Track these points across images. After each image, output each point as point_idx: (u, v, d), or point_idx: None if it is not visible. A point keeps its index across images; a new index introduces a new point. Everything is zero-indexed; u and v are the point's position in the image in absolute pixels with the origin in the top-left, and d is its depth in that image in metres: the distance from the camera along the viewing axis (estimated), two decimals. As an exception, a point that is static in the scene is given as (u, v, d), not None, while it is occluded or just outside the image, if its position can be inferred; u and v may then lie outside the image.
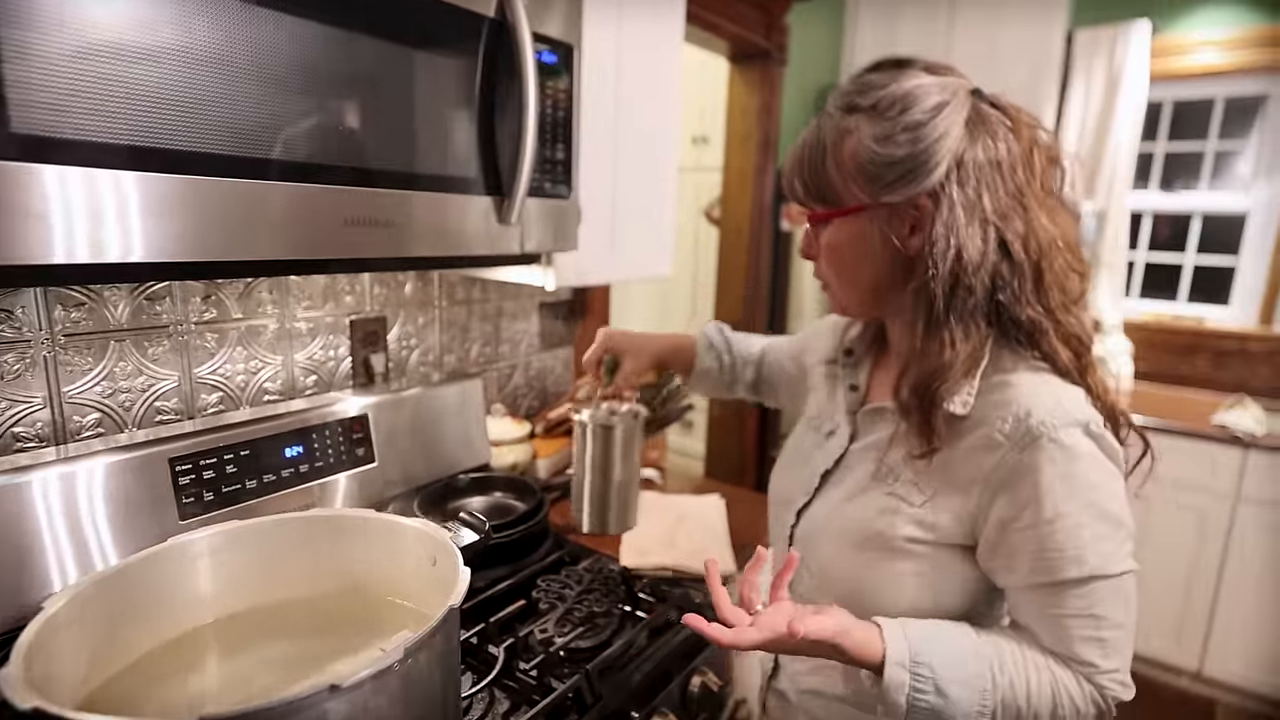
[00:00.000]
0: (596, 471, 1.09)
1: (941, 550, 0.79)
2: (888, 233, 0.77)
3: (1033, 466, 0.71)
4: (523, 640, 1.01)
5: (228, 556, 0.82)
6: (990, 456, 0.73)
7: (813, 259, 0.86)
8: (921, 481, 0.79)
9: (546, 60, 1.06)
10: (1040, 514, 0.71)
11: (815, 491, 0.91)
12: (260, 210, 0.76)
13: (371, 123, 0.85)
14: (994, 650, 0.73)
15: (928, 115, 0.73)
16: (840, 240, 0.81)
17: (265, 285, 1.21)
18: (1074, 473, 0.70)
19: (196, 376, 1.14)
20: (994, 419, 0.73)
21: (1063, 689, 0.72)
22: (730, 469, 3.13)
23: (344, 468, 1.24)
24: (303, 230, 0.80)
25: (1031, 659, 0.74)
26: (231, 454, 1.07)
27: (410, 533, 0.84)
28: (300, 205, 0.79)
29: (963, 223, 0.73)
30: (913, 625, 0.74)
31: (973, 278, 0.73)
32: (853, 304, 0.87)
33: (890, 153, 0.74)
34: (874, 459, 0.85)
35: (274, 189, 0.76)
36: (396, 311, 1.46)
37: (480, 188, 0.99)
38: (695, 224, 3.47)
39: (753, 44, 2.63)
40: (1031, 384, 0.74)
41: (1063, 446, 0.70)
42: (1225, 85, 2.82)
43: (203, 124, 0.69)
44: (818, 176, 0.80)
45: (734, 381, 1.25)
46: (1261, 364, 2.74)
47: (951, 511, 0.77)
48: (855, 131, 0.76)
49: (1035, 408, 0.72)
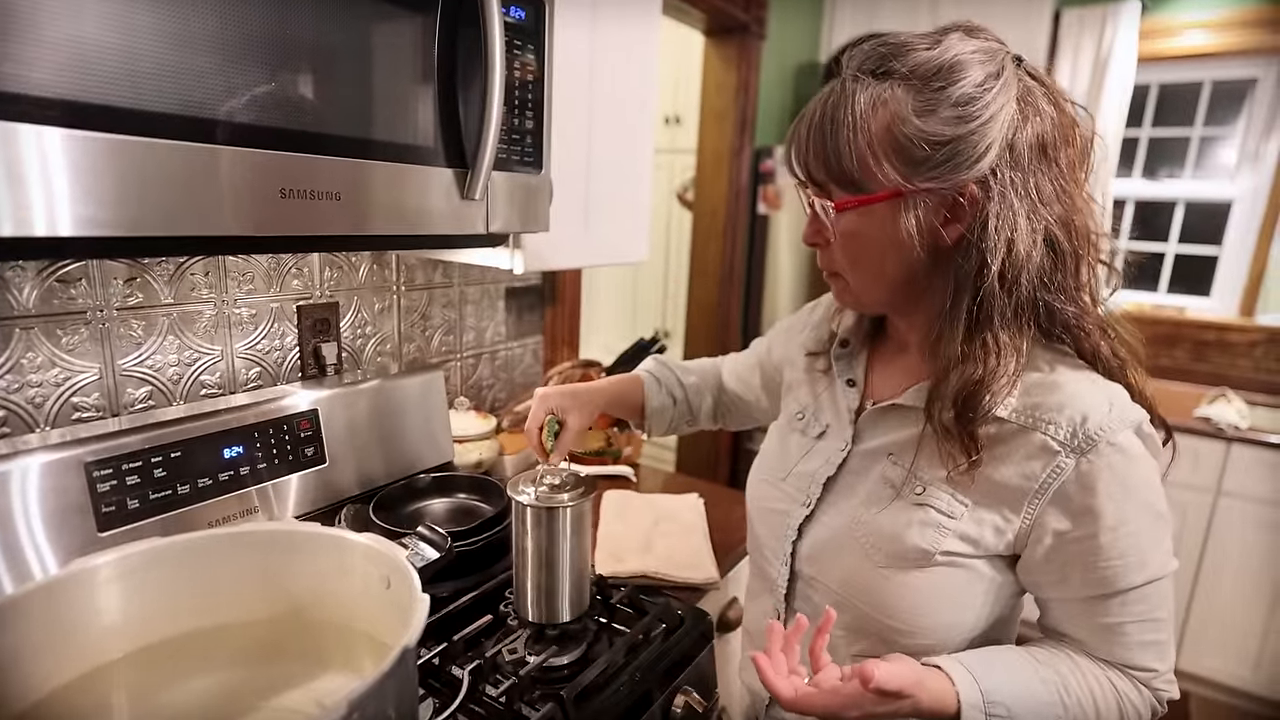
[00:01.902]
0: (540, 565, 0.94)
1: (980, 563, 0.73)
2: (923, 221, 0.68)
3: (1092, 474, 0.66)
4: (490, 660, 0.91)
5: (146, 578, 0.71)
6: (1042, 464, 0.68)
7: (819, 246, 0.76)
8: (958, 491, 0.72)
9: (514, 16, 0.94)
10: (1102, 523, 0.67)
11: (818, 502, 0.83)
12: (183, 178, 0.64)
13: (315, 79, 0.73)
14: (1055, 674, 0.70)
15: (978, 90, 0.64)
16: (864, 228, 0.71)
17: (200, 266, 1.09)
18: (1131, 477, 0.67)
19: (121, 369, 1.02)
20: (1042, 424, 0.68)
21: (1127, 701, 0.70)
22: (703, 461, 3.05)
23: (291, 469, 1.12)
24: (236, 202, 0.68)
25: (1091, 675, 0.71)
26: (160, 456, 0.95)
27: (359, 550, 0.74)
28: (233, 172, 0.68)
29: (1015, 212, 0.65)
30: (972, 661, 0.69)
31: (1021, 273, 0.66)
32: (871, 297, 0.77)
33: (936, 131, 0.65)
34: (888, 463, 0.78)
35: (194, 152, 0.65)
36: (350, 296, 1.34)
37: (441, 159, 0.88)
38: (668, 206, 3.37)
39: (731, 16, 2.52)
40: (1078, 384, 0.69)
41: (1121, 451, 0.66)
42: (1212, 69, 2.77)
43: (107, 72, 0.58)
44: (839, 154, 0.68)
45: (693, 413, 1.15)
46: (1241, 356, 2.72)
47: (994, 524, 0.71)
48: (890, 103, 0.66)
49: (1091, 411, 0.67)
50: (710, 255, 2.89)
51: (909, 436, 0.76)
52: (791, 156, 0.74)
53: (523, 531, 0.94)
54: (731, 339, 2.96)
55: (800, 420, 0.91)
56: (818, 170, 0.71)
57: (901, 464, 0.76)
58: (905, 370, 0.82)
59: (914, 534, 0.73)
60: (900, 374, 0.82)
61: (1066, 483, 0.67)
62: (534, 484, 0.95)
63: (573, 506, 0.92)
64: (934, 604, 0.73)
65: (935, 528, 0.72)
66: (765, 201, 2.88)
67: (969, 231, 0.67)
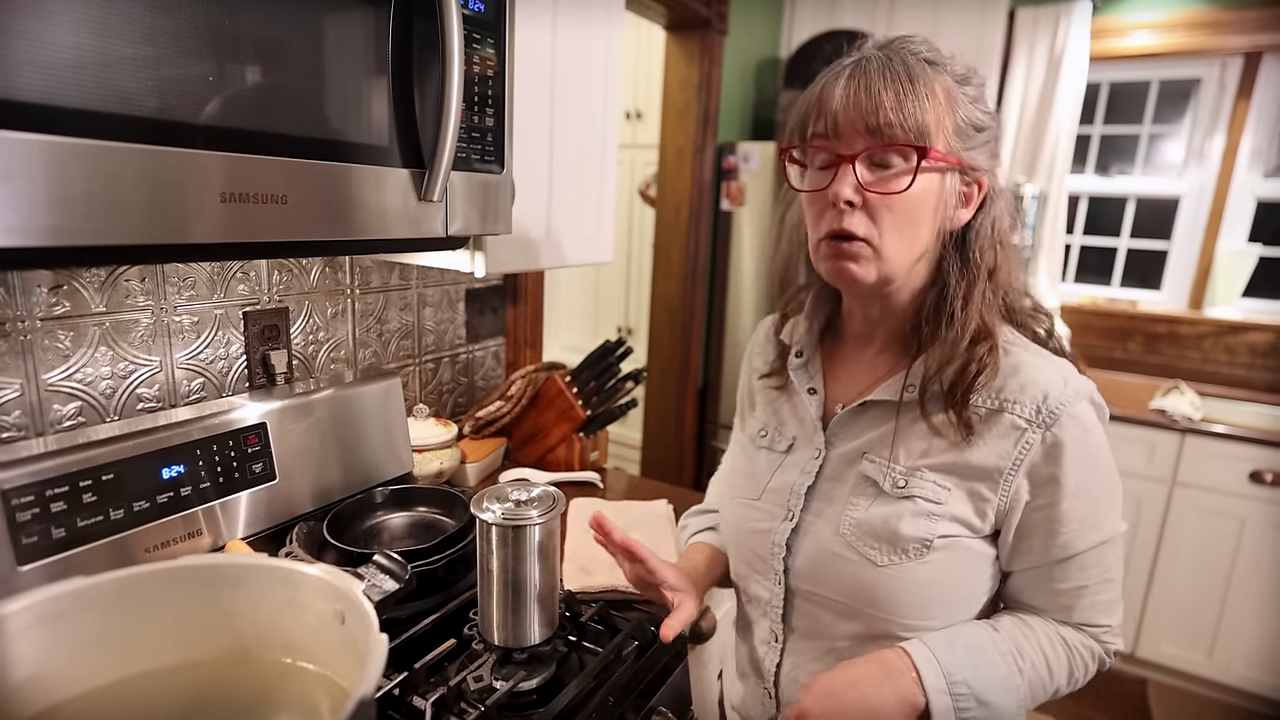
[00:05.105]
0: (506, 586, 0.88)
1: (975, 542, 0.75)
2: (953, 198, 0.74)
3: (1057, 445, 0.71)
4: (454, 689, 0.86)
5: (71, 624, 0.64)
6: (1012, 441, 0.72)
7: (854, 206, 0.71)
8: (939, 478, 0.75)
9: (473, 8, 0.89)
10: (1063, 490, 0.71)
11: (800, 513, 0.82)
12: (107, 181, 0.58)
13: (256, 73, 0.67)
14: (1010, 644, 0.74)
15: (989, 97, 0.74)
16: (919, 191, 0.71)
17: (135, 272, 1.01)
18: (1089, 444, 0.72)
19: (46, 384, 0.94)
20: (1009, 404, 0.72)
21: (1077, 655, 0.75)
22: (668, 459, 3.02)
23: (238, 487, 1.05)
24: (169, 208, 0.62)
25: (1044, 634, 0.75)
26: (90, 479, 0.88)
27: (310, 583, 0.68)
28: (165, 175, 0.61)
29: (1002, 210, 0.76)
30: (934, 641, 0.73)
31: (1002, 264, 0.76)
32: (893, 266, 0.74)
33: (979, 118, 0.73)
34: (865, 462, 0.79)
35: (121, 153, 0.58)
36: (300, 301, 1.27)
37: (396, 158, 0.83)
38: (630, 203, 3.32)
39: (692, 11, 2.48)
40: (1034, 366, 0.73)
41: (1079, 422, 0.71)
42: (1160, 68, 2.83)
43: (16, 60, 0.51)
44: (921, 108, 0.69)
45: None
46: (1191, 348, 2.79)
47: (976, 505, 0.74)
48: (946, 80, 0.72)
49: (1050, 388, 0.71)
50: (674, 252, 2.86)
51: (883, 432, 0.78)
52: (870, 102, 0.69)
53: (488, 551, 0.89)
54: (695, 337, 2.94)
55: (764, 438, 0.90)
56: (896, 119, 0.69)
57: (879, 460, 0.77)
58: (867, 368, 0.83)
59: (907, 525, 0.74)
60: (862, 373, 0.84)
61: (1034, 456, 0.71)
62: (499, 501, 0.89)
63: (541, 524, 0.87)
64: (942, 592, 0.75)
65: (926, 516, 0.74)
66: (729, 198, 2.86)
67: (974, 219, 0.75)
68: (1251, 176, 2.72)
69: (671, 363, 2.93)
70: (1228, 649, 2.34)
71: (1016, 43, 2.73)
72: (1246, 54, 2.63)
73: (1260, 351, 2.68)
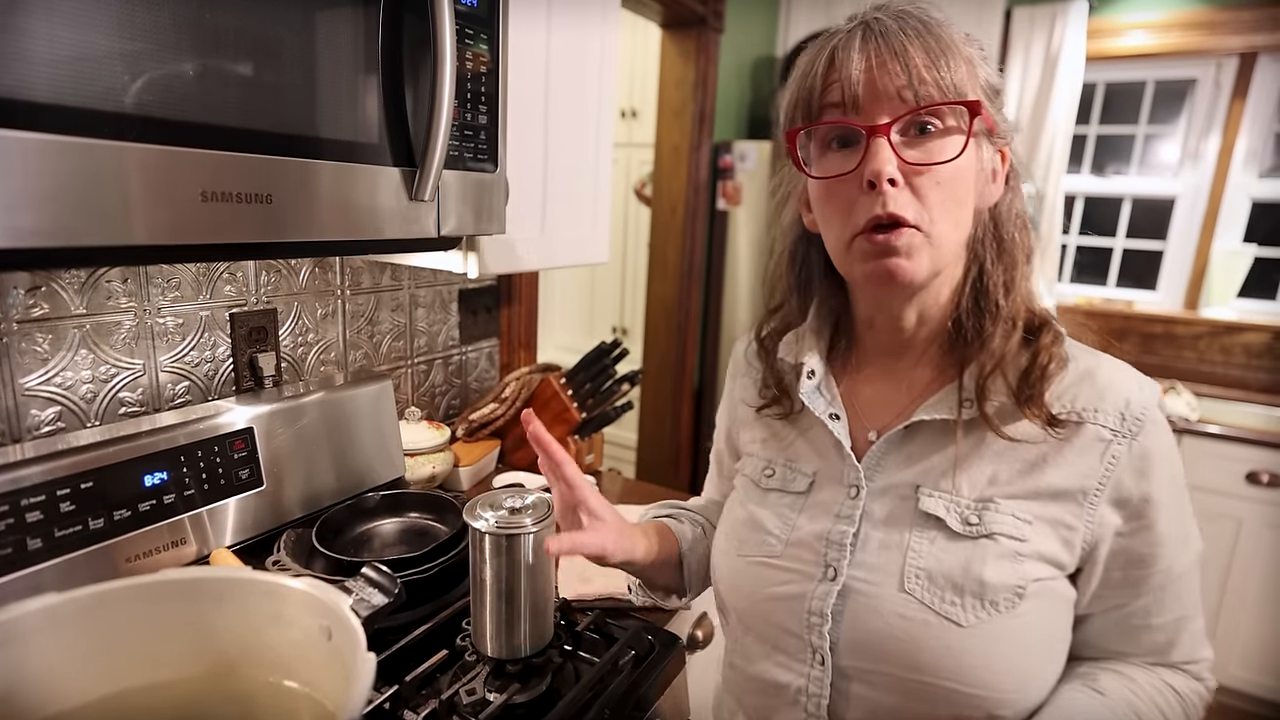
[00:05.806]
0: (500, 596, 0.85)
1: (1061, 584, 0.64)
2: (990, 169, 0.66)
3: (1146, 456, 0.62)
4: (446, 703, 0.84)
5: (41, 642, 0.61)
6: (1097, 456, 0.62)
7: (896, 184, 0.60)
8: (1017, 508, 0.63)
9: (466, 3, 0.86)
10: (1156, 507, 0.63)
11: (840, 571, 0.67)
12: (82, 180, 0.55)
13: (239, 68, 0.65)
14: (1128, 709, 0.63)
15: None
16: (966, 160, 0.61)
17: (117, 273, 0.98)
18: (1170, 450, 0.64)
19: (24, 388, 0.91)
20: (1090, 414, 0.63)
21: (1190, 706, 0.66)
22: (664, 460, 3.00)
23: (224, 494, 1.03)
24: (147, 208, 0.60)
25: (1154, 689, 0.65)
26: (68, 487, 0.85)
27: (296, 598, 0.66)
28: (143, 173, 0.59)
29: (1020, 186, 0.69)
30: None
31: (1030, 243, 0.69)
32: (949, 257, 0.64)
33: (996, 80, 0.65)
34: (922, 496, 0.66)
35: (96, 150, 0.56)
36: (289, 302, 1.24)
37: (386, 156, 0.80)
38: (626, 202, 3.30)
39: (688, 9, 2.46)
40: (1106, 365, 0.65)
41: (1161, 427, 0.63)
42: (1155, 69, 2.82)
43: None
44: (951, 64, 0.59)
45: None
46: (1186, 348, 2.78)
47: (1060, 536, 0.63)
48: (958, 35, 0.63)
49: (1130, 393, 0.63)
50: (669, 252, 2.84)
51: (939, 458, 0.66)
52: (869, 70, 0.60)
53: (481, 560, 0.86)
54: (691, 337, 2.92)
55: (770, 476, 0.76)
56: (931, 76, 0.59)
57: (940, 493, 0.64)
58: (901, 384, 0.72)
59: (991, 571, 0.60)
60: (894, 390, 0.72)
61: (1122, 470, 0.62)
62: (493, 508, 0.87)
63: (535, 533, 0.85)
64: (1038, 652, 0.63)
65: (1011, 557, 0.61)
66: (725, 197, 2.84)
67: (1003, 196, 0.67)
68: (1246, 177, 2.71)
69: (667, 363, 2.91)
70: (1224, 651, 2.33)
71: (1013, 42, 2.73)
72: (1242, 54, 2.62)
73: (1256, 352, 2.68)
